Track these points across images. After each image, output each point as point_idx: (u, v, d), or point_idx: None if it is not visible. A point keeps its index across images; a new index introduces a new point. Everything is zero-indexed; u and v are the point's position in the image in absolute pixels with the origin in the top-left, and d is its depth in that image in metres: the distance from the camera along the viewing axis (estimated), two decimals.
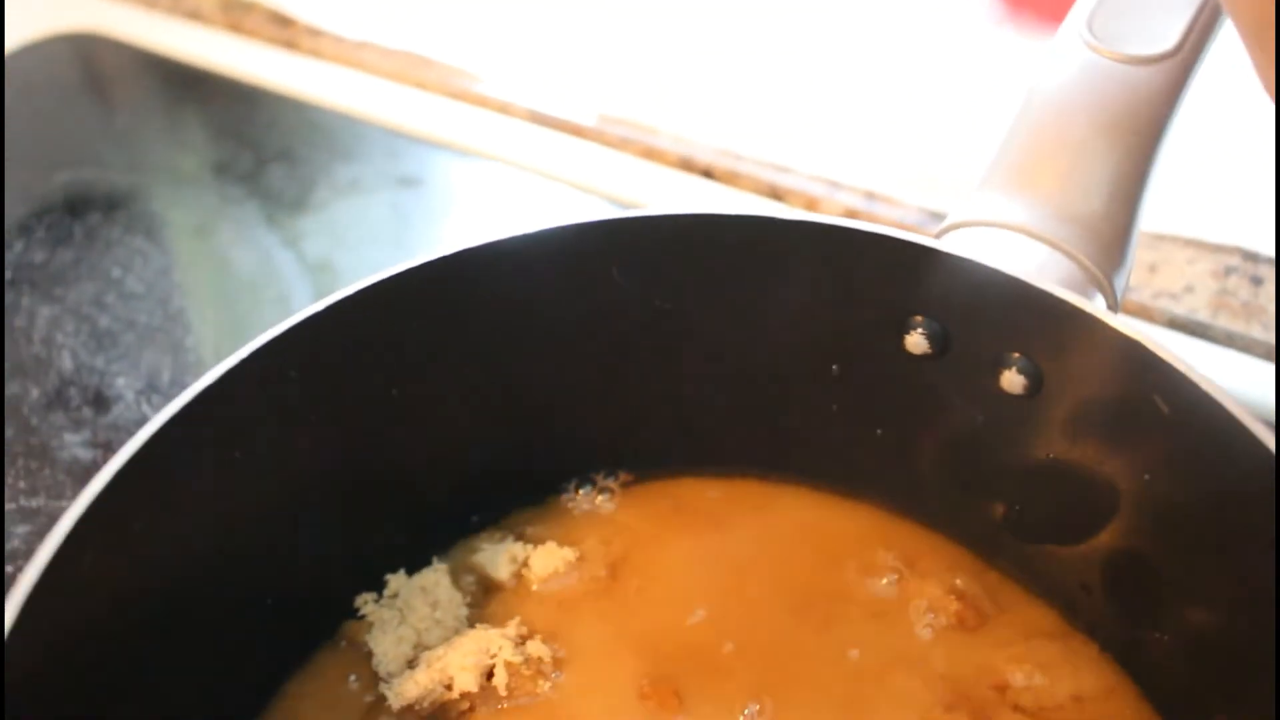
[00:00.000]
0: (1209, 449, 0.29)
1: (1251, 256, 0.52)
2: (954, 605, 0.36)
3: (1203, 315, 0.50)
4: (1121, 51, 0.34)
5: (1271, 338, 0.49)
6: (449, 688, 0.35)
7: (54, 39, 0.73)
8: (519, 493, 0.40)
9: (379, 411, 0.36)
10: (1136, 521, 0.32)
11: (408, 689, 0.35)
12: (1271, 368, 0.48)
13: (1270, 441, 0.27)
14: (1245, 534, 0.29)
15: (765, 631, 0.36)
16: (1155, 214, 0.52)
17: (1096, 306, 0.31)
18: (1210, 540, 0.30)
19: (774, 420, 0.39)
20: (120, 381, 0.52)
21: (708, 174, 0.58)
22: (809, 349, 0.37)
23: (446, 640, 0.36)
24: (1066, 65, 0.35)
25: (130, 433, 0.49)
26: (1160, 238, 0.53)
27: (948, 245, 0.33)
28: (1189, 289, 0.51)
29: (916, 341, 0.34)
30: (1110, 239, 0.34)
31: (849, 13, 0.67)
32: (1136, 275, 0.51)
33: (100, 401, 0.51)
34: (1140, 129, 0.34)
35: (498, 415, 0.38)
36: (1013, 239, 0.34)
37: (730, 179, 0.57)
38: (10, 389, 0.51)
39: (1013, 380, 0.33)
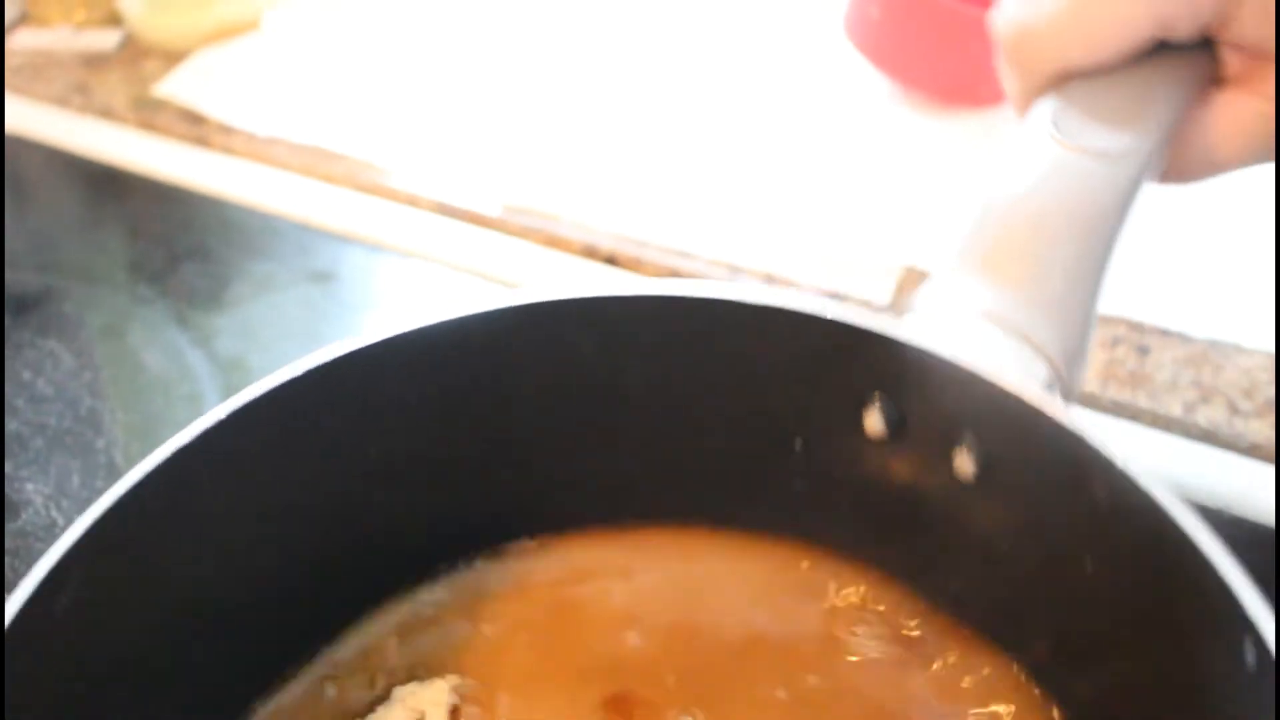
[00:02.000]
0: (1142, 538, 0.30)
1: (1138, 327, 0.54)
2: (898, 649, 0.38)
3: (1093, 386, 0.51)
4: (1084, 145, 0.36)
5: (1156, 405, 0.50)
6: None
7: None
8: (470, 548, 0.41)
9: (336, 480, 0.37)
10: (1080, 604, 0.33)
11: None
12: (1154, 434, 0.50)
13: (1196, 532, 0.28)
14: (1177, 621, 0.30)
15: (703, 657, 0.38)
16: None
17: (1039, 395, 0.32)
18: (1149, 624, 0.31)
19: (732, 493, 0.41)
20: (29, 487, 0.52)
21: (611, 260, 0.59)
22: (773, 425, 0.38)
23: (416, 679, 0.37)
24: (1032, 159, 0.36)
25: (39, 539, 0.49)
26: None
27: (904, 331, 0.34)
28: None
29: (874, 423, 0.36)
30: (1068, 329, 0.35)
31: (746, 99, 0.68)
32: None
33: (9, 508, 0.51)
34: (1099, 221, 0.35)
35: (440, 482, 0.39)
36: (977, 324, 0.35)
37: (634, 265, 0.58)
38: None
39: (964, 463, 0.34)
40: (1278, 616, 0.29)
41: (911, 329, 0.34)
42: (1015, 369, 0.33)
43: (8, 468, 0.52)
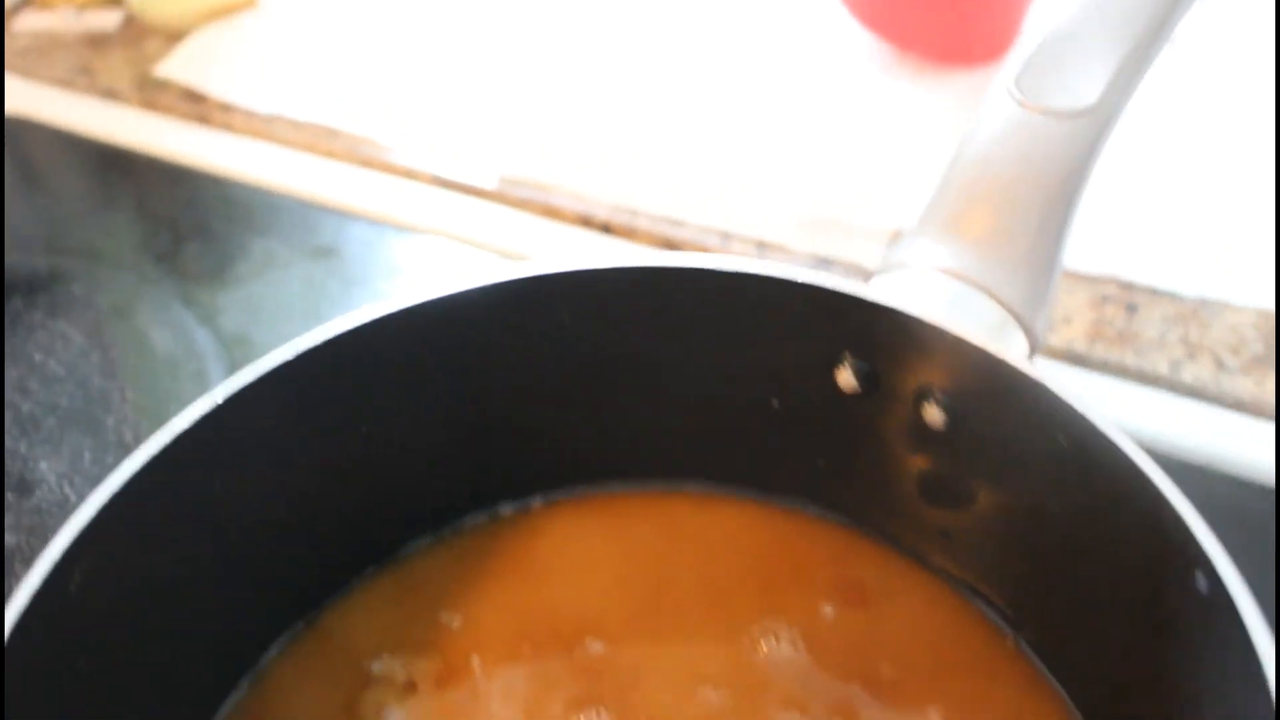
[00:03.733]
0: (1102, 480, 0.31)
1: (1128, 286, 0.54)
2: (863, 599, 0.39)
3: (1080, 345, 0.52)
4: (1044, 106, 0.37)
5: (1143, 363, 0.51)
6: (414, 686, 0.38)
7: None
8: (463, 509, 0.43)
9: (339, 450, 0.38)
10: (1047, 544, 0.35)
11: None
12: (1137, 389, 0.50)
13: (1152, 471, 0.29)
14: (1135, 555, 0.31)
15: (671, 611, 0.39)
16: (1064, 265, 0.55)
17: (1000, 347, 0.33)
18: (1110, 561, 0.32)
19: (719, 450, 0.42)
20: (43, 465, 0.53)
21: (606, 229, 0.60)
22: (750, 386, 0.39)
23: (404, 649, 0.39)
24: (995, 120, 0.38)
25: (54, 515, 0.51)
26: None
27: (871, 291, 0.35)
28: (1066, 320, 0.53)
29: (847, 380, 0.37)
30: (1031, 282, 0.36)
31: (737, 66, 0.68)
32: None
33: (23, 487, 0.52)
34: (1061, 178, 0.37)
35: (432, 454, 0.41)
36: (942, 281, 0.36)
37: (628, 234, 0.59)
38: None
39: (933, 415, 0.35)
40: (1278, 577, 0.30)
41: (879, 289, 0.35)
42: (981, 323, 0.35)
43: (21, 447, 0.54)
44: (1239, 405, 0.49)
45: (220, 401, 0.34)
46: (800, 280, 0.35)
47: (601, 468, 0.43)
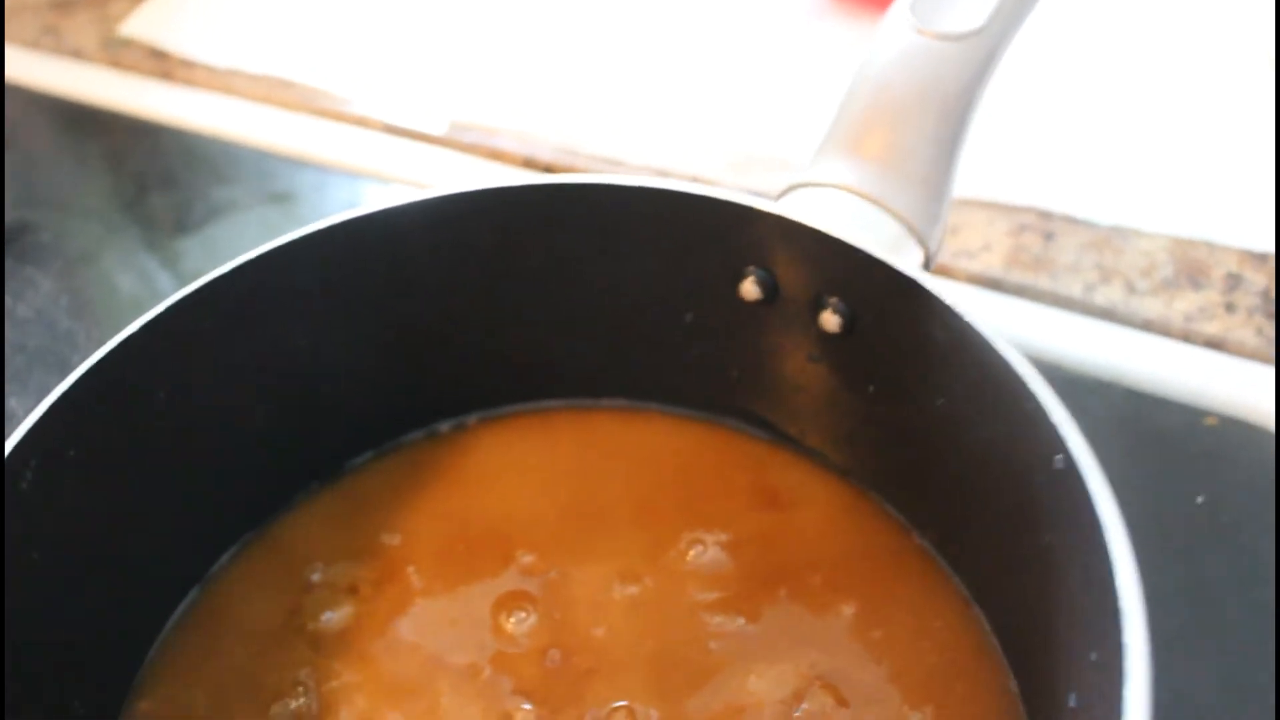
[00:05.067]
0: (977, 371, 0.33)
1: (1046, 215, 0.57)
2: (778, 503, 0.42)
3: (996, 271, 0.54)
4: (936, 30, 0.39)
5: (1057, 287, 0.53)
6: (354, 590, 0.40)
7: None
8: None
9: (277, 364, 0.41)
10: (935, 440, 0.37)
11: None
12: (1053, 313, 0.53)
13: (1014, 359, 0.32)
14: (1006, 439, 0.33)
15: (596, 522, 0.42)
16: (959, 181, 0.57)
17: (887, 254, 0.35)
18: (987, 445, 0.35)
19: (641, 365, 0.44)
20: (13, 401, 0.56)
21: (549, 170, 0.62)
22: (664, 301, 0.42)
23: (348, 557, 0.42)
24: (891, 44, 0.40)
25: None
26: (963, 203, 0.57)
27: (767, 204, 0.37)
28: (986, 247, 0.55)
29: (750, 290, 0.39)
30: (927, 197, 0.39)
31: (676, 13, 0.71)
32: None
33: None
34: (953, 98, 0.39)
35: (365, 370, 0.43)
36: (843, 197, 0.39)
37: (569, 173, 0.61)
38: None
39: (830, 320, 0.38)
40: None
41: (780, 204, 0.38)
42: (879, 236, 0.37)
43: None
44: (1146, 325, 0.52)
45: (159, 311, 0.36)
46: (699, 194, 0.38)
47: (534, 386, 0.45)
